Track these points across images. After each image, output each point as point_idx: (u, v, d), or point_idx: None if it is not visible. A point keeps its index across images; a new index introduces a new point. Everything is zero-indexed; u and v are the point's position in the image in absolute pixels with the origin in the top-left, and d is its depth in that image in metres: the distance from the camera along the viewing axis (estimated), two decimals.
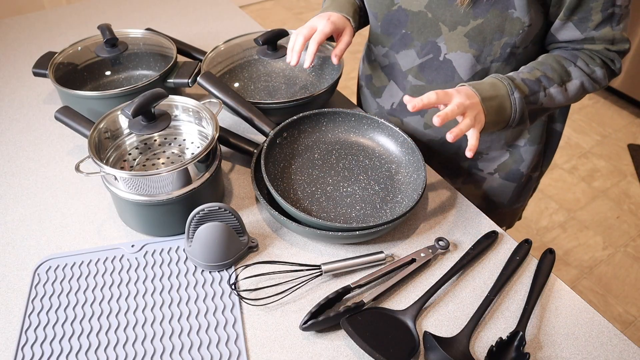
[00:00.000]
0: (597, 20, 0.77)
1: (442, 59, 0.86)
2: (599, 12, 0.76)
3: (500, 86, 0.75)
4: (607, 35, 0.79)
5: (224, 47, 1.07)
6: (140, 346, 0.66)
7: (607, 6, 0.76)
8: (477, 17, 0.79)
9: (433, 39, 0.85)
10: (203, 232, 0.71)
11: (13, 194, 0.88)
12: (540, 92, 0.78)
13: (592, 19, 0.77)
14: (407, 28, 0.86)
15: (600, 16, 0.77)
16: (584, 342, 0.66)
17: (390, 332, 0.64)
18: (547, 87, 0.78)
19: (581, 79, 0.81)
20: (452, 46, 0.84)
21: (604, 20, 0.77)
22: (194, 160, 0.72)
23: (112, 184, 0.74)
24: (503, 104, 0.75)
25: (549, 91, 0.79)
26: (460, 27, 0.81)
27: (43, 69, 1.02)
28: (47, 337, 0.67)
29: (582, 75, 0.81)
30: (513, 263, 0.73)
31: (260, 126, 0.88)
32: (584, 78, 0.81)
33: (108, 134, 0.81)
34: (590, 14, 0.77)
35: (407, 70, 0.92)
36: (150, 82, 0.97)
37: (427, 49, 0.87)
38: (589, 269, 1.84)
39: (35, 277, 0.74)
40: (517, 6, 0.76)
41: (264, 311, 0.69)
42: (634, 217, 2.03)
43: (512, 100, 0.75)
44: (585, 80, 0.81)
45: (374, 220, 0.79)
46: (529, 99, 0.77)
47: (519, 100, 0.75)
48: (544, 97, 0.79)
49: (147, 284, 0.73)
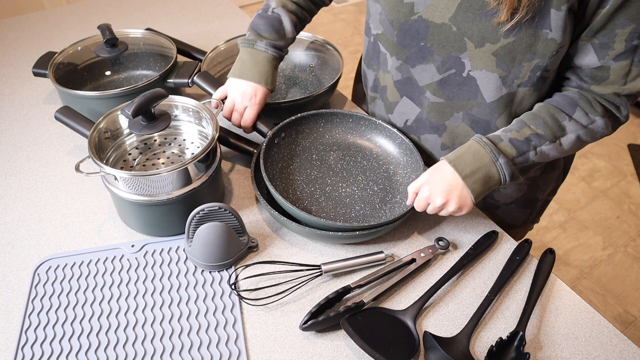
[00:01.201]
0: (618, 50, 0.70)
1: (465, 75, 0.78)
2: (623, 40, 0.69)
3: (483, 154, 0.73)
4: (623, 69, 0.72)
5: (224, 47, 1.07)
6: (140, 346, 0.65)
7: (633, 37, 0.69)
8: (508, 35, 0.71)
9: (456, 54, 0.76)
10: (203, 232, 0.71)
11: (13, 194, 0.88)
12: (529, 151, 0.74)
13: (614, 47, 0.70)
14: (427, 41, 0.77)
15: (623, 46, 0.70)
16: (584, 342, 0.66)
17: (390, 332, 0.64)
18: (538, 146, 0.74)
19: (577, 132, 0.75)
20: (477, 64, 0.76)
21: (626, 51, 0.70)
22: (194, 160, 0.72)
23: (112, 184, 0.74)
24: (489, 173, 0.72)
25: (540, 149, 0.74)
26: (488, 45, 0.73)
27: (43, 69, 1.02)
28: (47, 337, 0.67)
29: (578, 129, 0.75)
30: (513, 263, 0.73)
31: (259, 127, 0.88)
32: (580, 131, 0.75)
33: (108, 134, 0.81)
34: (613, 40, 0.70)
35: (425, 86, 0.82)
36: (150, 82, 0.97)
37: (449, 64, 0.78)
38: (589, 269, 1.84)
39: (35, 277, 0.74)
40: (553, 27, 0.69)
41: (264, 311, 0.69)
42: (634, 217, 2.03)
43: (498, 167, 0.72)
44: (582, 133, 0.75)
45: (374, 220, 0.79)
46: (517, 160, 0.74)
47: (505, 165, 0.72)
48: (534, 155, 0.74)
49: (147, 284, 0.73)
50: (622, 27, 0.68)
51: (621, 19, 0.67)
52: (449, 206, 0.72)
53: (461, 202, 0.72)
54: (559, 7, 0.67)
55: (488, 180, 0.73)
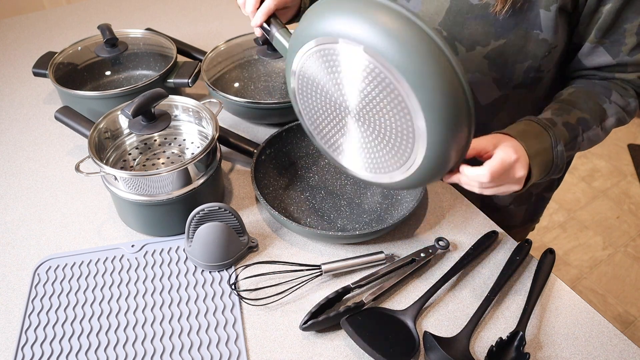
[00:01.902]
0: (631, 44, 0.68)
1: None
2: (634, 34, 0.68)
3: (545, 138, 0.64)
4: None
5: (224, 47, 1.07)
6: (140, 346, 0.65)
7: None
8: (498, 38, 0.71)
9: None
10: (203, 232, 0.71)
11: (13, 194, 0.88)
12: (579, 136, 0.68)
13: (626, 42, 0.68)
14: None
15: (635, 39, 0.68)
16: (584, 342, 0.66)
17: (390, 332, 0.64)
18: (586, 130, 0.69)
19: (617, 115, 0.71)
20: (470, 67, 0.76)
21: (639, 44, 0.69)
22: (194, 160, 0.72)
23: (112, 184, 0.74)
24: (547, 159, 0.64)
25: (587, 135, 0.69)
26: (479, 48, 0.73)
27: (43, 69, 1.02)
28: (47, 337, 0.67)
29: (618, 112, 0.71)
30: (513, 263, 0.73)
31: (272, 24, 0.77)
32: (620, 114, 0.72)
33: (108, 134, 0.81)
34: (623, 36, 0.68)
35: None
36: (150, 82, 0.97)
37: None
38: (589, 269, 1.84)
39: (35, 277, 0.74)
40: (543, 27, 0.69)
41: (264, 311, 0.69)
42: (634, 217, 2.03)
43: (555, 154, 0.64)
44: (621, 117, 0.72)
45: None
46: (568, 147, 0.67)
47: (562, 153, 0.65)
48: (581, 141, 0.69)
49: (147, 284, 0.73)
50: (630, 22, 0.67)
51: (628, 14, 0.66)
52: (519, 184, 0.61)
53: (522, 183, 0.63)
54: (547, 7, 0.67)
55: (545, 165, 0.64)
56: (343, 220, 0.79)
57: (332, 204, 0.82)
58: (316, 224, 0.79)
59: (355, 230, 0.77)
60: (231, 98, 0.94)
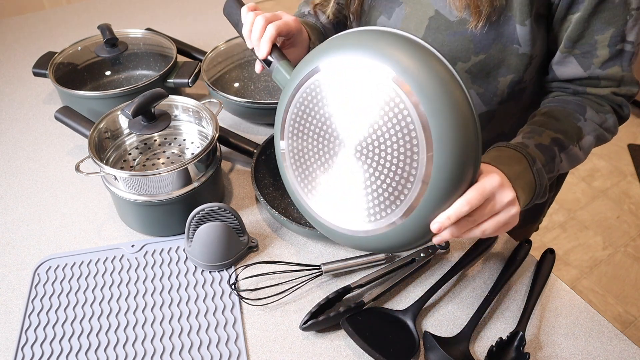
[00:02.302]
0: (603, 57, 0.66)
1: None
2: (606, 46, 0.65)
3: (519, 158, 0.60)
4: (615, 75, 0.67)
5: (224, 47, 1.07)
6: (140, 346, 0.65)
7: (615, 41, 0.64)
8: (478, 53, 0.70)
9: None
10: (203, 232, 0.71)
11: (13, 194, 0.88)
12: (556, 157, 0.64)
13: (598, 55, 0.66)
14: None
15: (607, 52, 0.65)
16: (584, 342, 0.66)
17: (390, 332, 0.64)
18: (563, 150, 0.65)
19: (595, 132, 0.68)
20: None
21: (612, 57, 0.66)
22: (194, 160, 0.72)
23: (112, 184, 0.74)
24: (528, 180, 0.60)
25: (564, 155, 0.65)
26: (460, 63, 0.72)
27: (43, 69, 1.02)
28: (47, 337, 0.67)
29: (595, 129, 0.68)
30: (513, 263, 0.73)
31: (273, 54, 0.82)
32: (597, 132, 0.68)
33: (108, 134, 0.81)
34: (594, 47, 0.65)
35: None
36: (150, 82, 0.97)
37: None
38: (589, 269, 1.84)
39: (35, 277, 0.74)
40: (521, 41, 0.67)
41: (264, 311, 0.69)
42: (634, 217, 2.03)
43: (535, 174, 0.60)
44: (599, 134, 0.68)
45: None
46: (546, 169, 0.63)
47: (541, 172, 0.61)
48: (560, 162, 0.65)
49: (147, 284, 0.73)
50: (600, 33, 0.64)
51: (597, 25, 0.64)
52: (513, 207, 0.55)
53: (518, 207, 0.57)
54: (522, 22, 0.66)
55: (528, 188, 0.60)
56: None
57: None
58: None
59: None
60: (231, 98, 0.94)
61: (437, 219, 0.51)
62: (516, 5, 0.65)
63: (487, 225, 0.55)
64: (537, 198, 0.62)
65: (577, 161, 0.68)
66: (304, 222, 0.79)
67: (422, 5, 0.72)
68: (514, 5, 0.66)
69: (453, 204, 0.51)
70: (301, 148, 0.60)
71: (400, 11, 0.74)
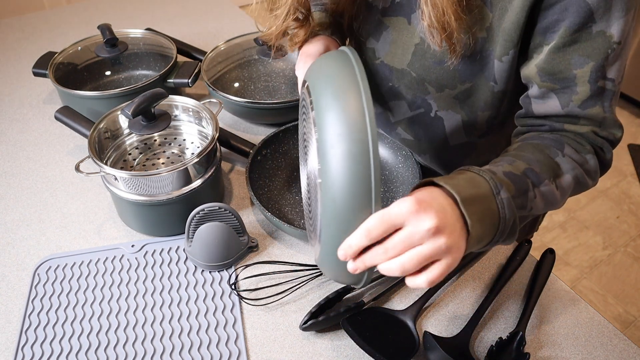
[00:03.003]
0: (583, 94, 0.59)
1: (433, 115, 0.76)
2: (586, 82, 0.59)
3: (480, 182, 0.51)
4: (596, 116, 0.61)
5: (224, 47, 1.07)
6: (140, 346, 0.65)
7: (596, 76, 0.58)
8: (464, 82, 0.68)
9: (422, 96, 0.75)
10: (203, 232, 0.71)
11: (13, 194, 0.88)
12: (529, 191, 0.55)
13: (577, 91, 0.60)
14: (394, 83, 0.76)
15: (587, 89, 0.59)
16: (584, 342, 0.66)
17: (390, 332, 0.64)
18: (537, 185, 0.55)
19: (573, 172, 0.59)
20: (442, 105, 0.74)
21: (593, 95, 0.59)
22: (193, 160, 0.72)
23: (112, 184, 0.74)
24: (490, 209, 0.50)
25: (539, 190, 0.56)
26: (447, 90, 0.71)
27: (43, 69, 1.02)
28: (47, 337, 0.67)
29: (574, 167, 0.59)
30: (513, 263, 0.73)
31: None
32: (576, 171, 0.59)
33: (108, 134, 0.81)
34: (574, 83, 0.59)
35: (397, 122, 0.83)
36: (150, 82, 0.97)
37: (418, 103, 0.76)
38: (589, 269, 1.84)
39: (35, 277, 0.74)
40: (497, 79, 0.65)
41: (264, 311, 0.69)
42: (634, 217, 2.03)
43: (499, 203, 0.51)
44: (578, 174, 0.60)
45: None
46: (517, 201, 0.53)
47: (507, 201, 0.51)
48: (533, 198, 0.55)
49: (147, 284, 0.73)
50: (580, 67, 0.58)
51: (575, 57, 0.58)
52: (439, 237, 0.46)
53: (454, 239, 0.47)
54: (500, 57, 0.64)
55: (489, 219, 0.50)
56: None
57: None
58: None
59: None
60: (231, 98, 0.94)
61: (341, 246, 0.48)
62: (497, 40, 0.63)
63: (404, 259, 0.46)
64: (502, 235, 0.52)
65: (553, 202, 0.58)
66: (298, 224, 0.79)
67: (408, 32, 0.71)
68: (495, 39, 0.63)
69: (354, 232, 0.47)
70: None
71: (388, 35, 0.74)
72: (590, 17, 0.56)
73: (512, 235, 0.53)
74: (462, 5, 0.60)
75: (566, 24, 0.57)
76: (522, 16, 0.59)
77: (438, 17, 0.60)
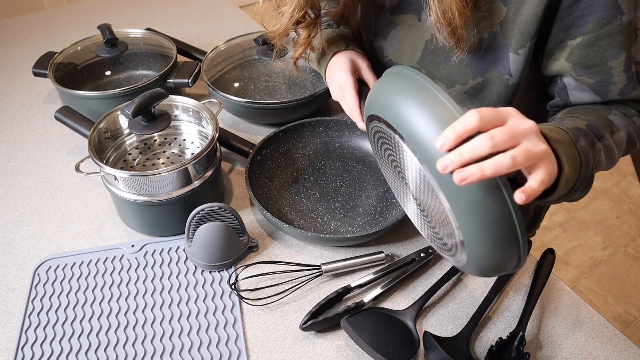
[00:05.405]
0: (621, 83, 0.61)
1: None
2: (622, 72, 0.60)
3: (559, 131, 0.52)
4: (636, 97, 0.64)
5: (224, 47, 1.07)
6: (140, 346, 0.65)
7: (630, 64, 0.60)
8: (476, 77, 0.69)
9: None
10: (203, 232, 0.71)
11: (13, 194, 0.88)
12: (595, 143, 0.56)
13: (615, 81, 0.61)
14: None
15: (624, 78, 0.61)
16: (584, 342, 0.66)
17: (390, 332, 0.64)
18: (600, 139, 0.58)
19: (626, 128, 0.62)
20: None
21: (629, 82, 0.61)
22: (194, 160, 0.72)
23: (112, 184, 0.74)
24: (573, 154, 0.51)
25: (602, 144, 0.58)
26: (458, 86, 0.71)
27: (43, 69, 1.02)
28: (47, 337, 0.67)
29: (627, 125, 0.62)
30: None
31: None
32: (629, 128, 0.62)
33: (108, 134, 0.81)
34: (610, 75, 0.61)
35: None
36: (150, 82, 0.97)
37: None
38: (589, 269, 1.84)
39: (35, 277, 0.74)
40: (513, 72, 0.66)
41: (264, 311, 0.69)
42: (634, 217, 2.03)
43: (579, 150, 0.52)
44: (630, 131, 0.62)
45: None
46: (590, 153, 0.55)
47: (586, 150, 0.52)
48: (599, 151, 0.57)
49: (147, 284, 0.73)
50: (615, 58, 0.60)
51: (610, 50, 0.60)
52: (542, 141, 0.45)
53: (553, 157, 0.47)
54: (516, 50, 0.64)
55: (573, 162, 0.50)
56: (336, 223, 0.79)
57: (327, 206, 0.82)
58: (309, 226, 0.78)
59: (347, 233, 0.76)
60: (231, 98, 0.94)
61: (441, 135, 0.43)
62: (513, 33, 0.63)
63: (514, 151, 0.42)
64: (582, 183, 0.52)
65: (612, 158, 0.60)
66: (297, 224, 0.79)
67: (418, 29, 0.71)
68: (510, 33, 0.64)
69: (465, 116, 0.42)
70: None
71: (396, 33, 0.74)
72: (618, 8, 0.57)
73: (588, 186, 0.54)
74: (468, 2, 0.61)
75: (594, 18, 0.58)
76: (540, 9, 0.60)
77: (444, 13, 0.61)
